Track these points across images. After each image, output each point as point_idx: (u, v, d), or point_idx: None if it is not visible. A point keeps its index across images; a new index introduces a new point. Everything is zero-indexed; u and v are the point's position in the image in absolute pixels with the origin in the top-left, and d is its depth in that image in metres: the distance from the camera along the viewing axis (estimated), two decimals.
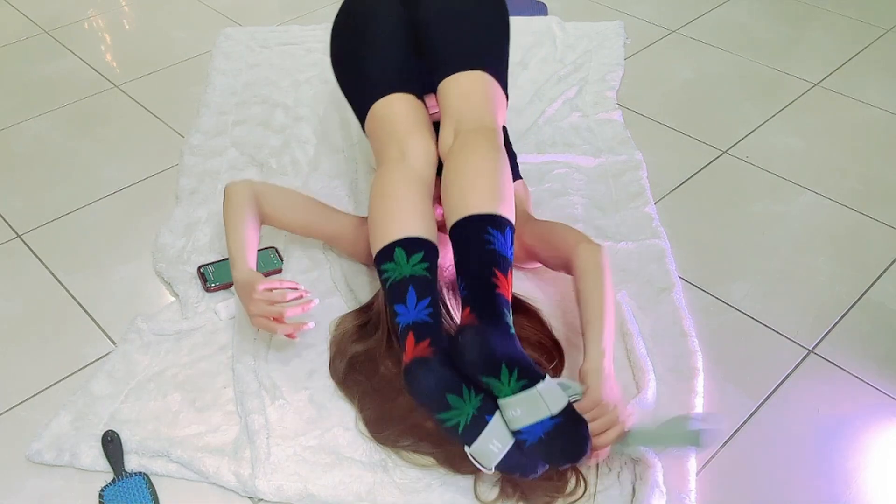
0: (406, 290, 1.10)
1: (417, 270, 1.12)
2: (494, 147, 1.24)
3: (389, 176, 1.26)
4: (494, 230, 1.11)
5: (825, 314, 1.42)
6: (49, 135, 1.91)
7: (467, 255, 1.10)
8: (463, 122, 1.29)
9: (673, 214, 1.63)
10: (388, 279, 1.12)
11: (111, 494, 1.14)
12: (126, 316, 1.43)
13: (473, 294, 1.06)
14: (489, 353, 0.97)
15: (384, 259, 1.14)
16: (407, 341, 1.05)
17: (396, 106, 1.36)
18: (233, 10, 2.43)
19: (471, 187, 1.17)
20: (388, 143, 1.32)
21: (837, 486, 1.15)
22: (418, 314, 1.08)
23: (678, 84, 2.05)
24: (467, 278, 1.08)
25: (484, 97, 1.33)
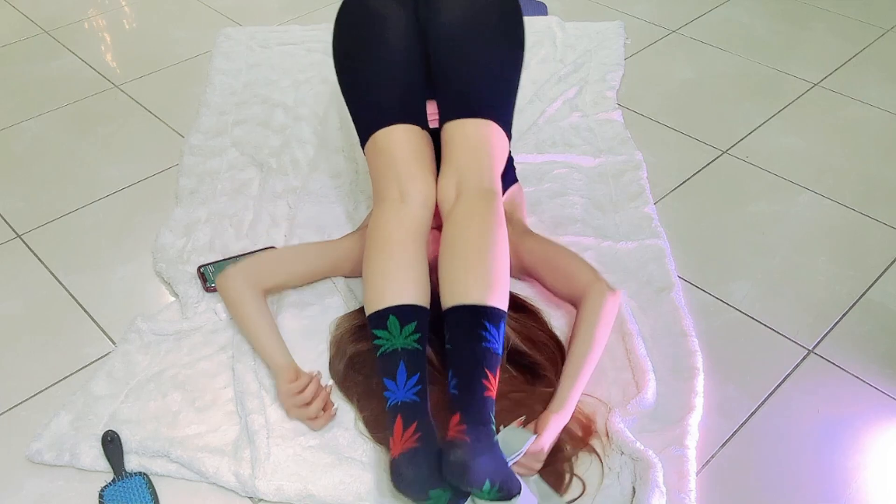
0: (397, 366, 1.11)
1: (409, 343, 1.12)
2: (495, 219, 1.22)
3: (388, 223, 1.24)
4: (490, 325, 1.11)
5: (825, 314, 1.42)
6: (49, 135, 1.91)
7: (461, 350, 1.10)
8: (465, 180, 1.27)
9: (673, 214, 1.63)
10: (380, 347, 1.13)
11: (111, 494, 1.14)
12: (126, 316, 1.43)
13: (464, 400, 1.07)
14: (477, 472, 1.00)
15: (377, 324, 1.15)
16: (395, 425, 1.06)
17: (399, 138, 1.32)
18: (233, 10, 2.43)
19: (470, 271, 1.16)
20: (387, 178, 1.30)
21: (837, 486, 1.15)
22: (406, 394, 1.09)
23: (678, 84, 2.05)
24: (459, 378, 1.09)
25: (489, 152, 1.31)
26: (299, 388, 1.20)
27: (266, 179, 1.72)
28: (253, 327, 1.30)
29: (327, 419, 1.21)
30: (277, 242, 1.56)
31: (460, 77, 1.35)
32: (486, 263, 1.16)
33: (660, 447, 1.17)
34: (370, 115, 1.36)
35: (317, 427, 1.21)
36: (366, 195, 1.67)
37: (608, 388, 1.27)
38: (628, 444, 1.15)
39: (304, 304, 1.43)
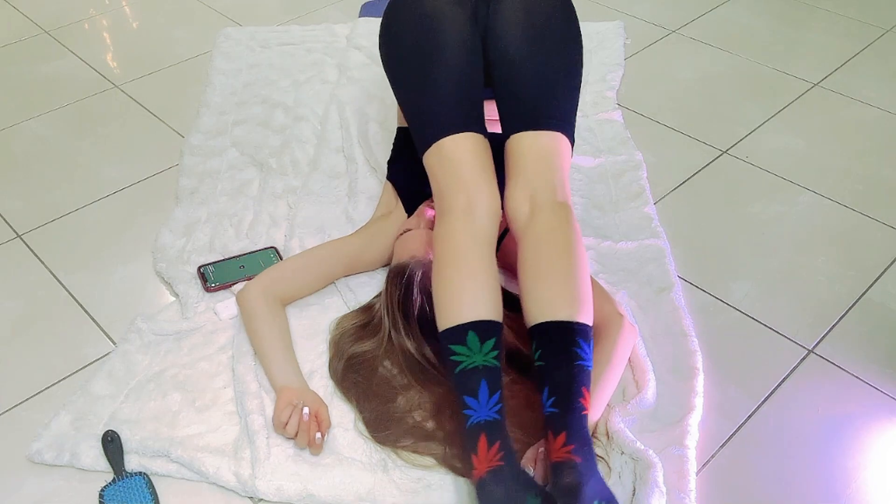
0: (479, 383, 1.09)
1: (489, 360, 1.11)
2: (575, 234, 1.21)
3: (458, 233, 1.22)
4: (584, 342, 1.11)
5: (825, 314, 1.42)
6: (49, 135, 1.91)
7: (556, 368, 1.09)
8: (539, 193, 1.25)
9: (673, 214, 1.63)
10: (459, 364, 1.11)
11: (111, 494, 1.14)
12: (126, 316, 1.43)
13: (567, 420, 1.06)
14: (588, 494, 1.01)
15: (455, 340, 1.12)
16: (479, 444, 1.06)
17: (467, 147, 1.29)
18: (233, 10, 2.43)
19: (558, 287, 1.15)
20: (454, 188, 1.26)
21: (837, 485, 1.15)
22: (489, 412, 1.08)
23: (678, 84, 2.05)
24: (557, 396, 1.08)
25: (560, 166, 1.29)
26: (282, 422, 1.19)
27: (266, 179, 1.72)
28: (259, 344, 1.30)
29: (314, 449, 1.19)
30: (277, 242, 1.56)
31: (528, 88, 1.32)
32: (573, 279, 1.15)
33: (660, 447, 1.17)
34: (436, 121, 1.31)
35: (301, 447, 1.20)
36: (366, 195, 1.67)
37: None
38: (628, 443, 1.15)
39: (304, 304, 1.43)
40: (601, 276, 1.47)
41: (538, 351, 1.12)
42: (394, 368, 1.27)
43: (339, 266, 1.44)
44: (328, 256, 1.42)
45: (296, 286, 1.40)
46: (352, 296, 1.44)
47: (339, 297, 1.45)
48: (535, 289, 1.16)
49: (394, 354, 1.27)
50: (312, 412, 1.20)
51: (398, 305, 1.27)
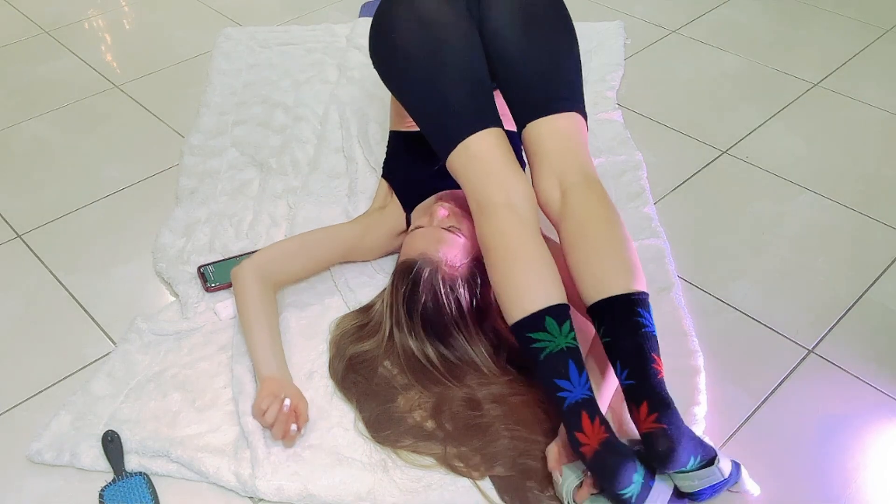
0: (567, 364, 1.10)
1: (570, 341, 1.12)
2: (611, 205, 1.23)
3: (506, 226, 1.22)
4: (643, 311, 1.13)
5: (825, 314, 1.42)
6: (49, 135, 1.91)
7: (624, 341, 1.11)
8: (566, 175, 1.26)
9: (673, 214, 1.63)
10: (544, 349, 1.12)
11: (111, 494, 1.14)
12: (126, 316, 1.43)
13: (645, 388, 1.08)
14: (682, 454, 1.04)
15: (534, 328, 1.13)
16: (583, 422, 1.07)
17: (492, 143, 1.29)
18: (233, 10, 2.43)
19: (609, 262, 1.16)
20: (490, 184, 1.26)
21: (837, 485, 1.15)
22: (583, 390, 1.09)
23: (678, 84, 2.05)
24: (631, 368, 1.10)
25: (581, 143, 1.30)
26: (261, 410, 1.19)
27: (266, 179, 1.72)
28: (248, 328, 1.30)
29: (288, 441, 1.19)
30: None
31: (533, 75, 1.34)
32: (622, 251, 1.17)
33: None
34: (455, 123, 1.31)
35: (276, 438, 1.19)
36: (366, 195, 1.67)
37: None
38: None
39: (304, 304, 1.43)
40: None
41: (602, 327, 1.14)
42: (394, 368, 1.27)
43: (335, 252, 1.44)
44: (324, 241, 1.43)
45: (291, 268, 1.40)
46: (352, 296, 1.44)
47: (339, 297, 1.45)
48: (588, 267, 1.17)
49: (394, 354, 1.27)
50: (293, 405, 1.20)
51: (403, 301, 1.26)
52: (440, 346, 1.25)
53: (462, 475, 1.15)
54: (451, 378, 1.24)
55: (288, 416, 1.18)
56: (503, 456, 1.15)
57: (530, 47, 1.35)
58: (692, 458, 1.04)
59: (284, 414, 1.18)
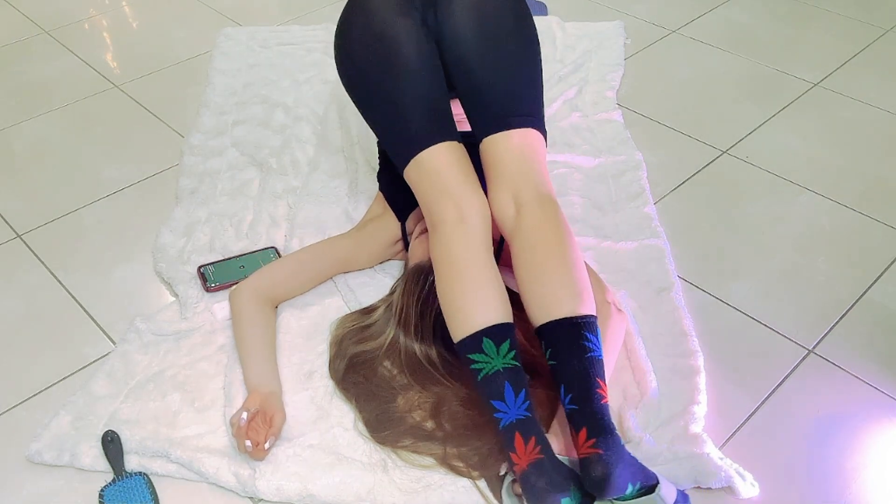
0: (502, 386, 1.11)
1: (508, 362, 1.12)
2: (564, 226, 1.22)
3: (456, 244, 1.22)
4: (590, 334, 1.12)
5: (825, 314, 1.42)
6: (49, 135, 1.91)
7: (569, 365, 1.11)
8: (521, 192, 1.26)
9: (673, 214, 1.63)
10: (480, 371, 1.13)
11: (111, 494, 1.14)
12: (126, 316, 1.43)
13: (585, 413, 1.08)
14: (618, 481, 1.03)
15: (472, 349, 1.14)
16: (516, 442, 1.07)
17: (446, 158, 1.29)
18: (233, 10, 2.43)
19: (558, 284, 1.15)
20: (441, 200, 1.26)
21: (837, 486, 1.15)
22: (518, 411, 1.09)
23: (678, 84, 2.05)
24: (574, 392, 1.10)
25: (537, 160, 1.29)
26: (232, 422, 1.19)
27: (266, 179, 1.72)
28: (241, 345, 1.31)
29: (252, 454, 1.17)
30: (277, 242, 1.56)
31: (490, 89, 1.32)
32: (570, 273, 1.16)
33: (666, 440, 1.17)
34: (409, 136, 1.31)
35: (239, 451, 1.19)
36: (366, 195, 1.67)
37: (608, 388, 1.27)
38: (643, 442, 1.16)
39: (304, 304, 1.43)
40: (601, 276, 1.47)
41: (548, 350, 1.13)
42: (394, 368, 1.27)
43: (331, 268, 1.46)
44: (320, 257, 1.43)
45: (287, 288, 1.42)
46: (352, 296, 1.44)
47: (339, 297, 1.45)
48: (535, 289, 1.17)
49: (394, 355, 1.27)
50: (258, 416, 1.19)
51: (416, 302, 1.27)
52: (443, 349, 1.25)
53: (462, 475, 1.15)
54: (450, 379, 1.24)
55: (246, 430, 1.17)
56: (502, 456, 1.15)
57: (488, 59, 1.33)
58: (630, 485, 1.03)
59: (241, 429, 1.17)
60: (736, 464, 1.15)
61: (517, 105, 1.32)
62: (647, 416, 1.21)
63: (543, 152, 1.32)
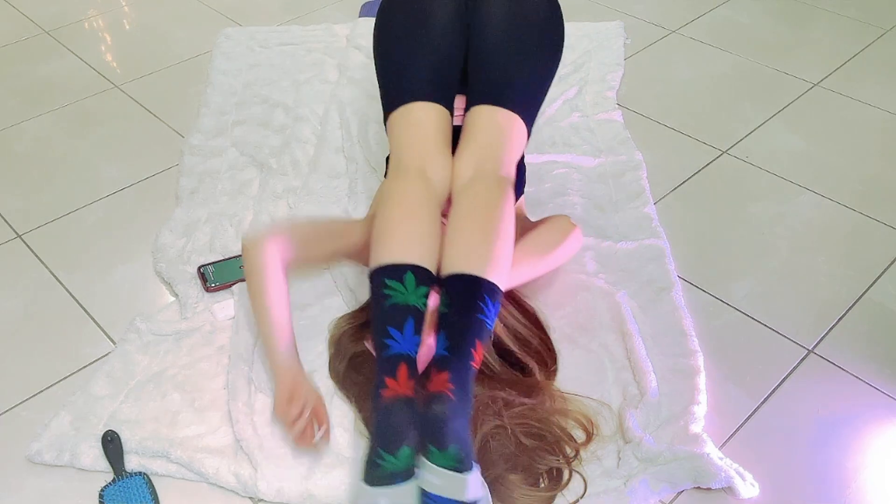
0: (406, 319, 1.11)
1: (420, 303, 1.13)
2: (506, 203, 1.24)
3: (412, 190, 1.25)
4: (488, 299, 1.13)
5: (825, 314, 1.42)
6: (49, 135, 1.91)
7: (457, 317, 1.12)
8: (483, 164, 1.29)
9: (673, 214, 1.63)
10: (391, 298, 1.12)
11: (111, 494, 1.14)
12: (126, 316, 1.43)
13: (454, 363, 1.08)
14: (450, 432, 1.01)
15: (392, 276, 1.13)
16: (399, 371, 1.07)
17: (431, 115, 1.35)
18: (233, 10, 2.43)
19: (474, 243, 1.17)
20: (413, 150, 1.31)
21: (837, 486, 1.15)
22: (412, 347, 1.10)
23: (678, 84, 2.05)
24: (451, 341, 1.10)
25: (509, 142, 1.33)
26: (291, 418, 1.16)
27: (266, 179, 1.72)
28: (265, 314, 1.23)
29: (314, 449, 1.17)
30: None
31: (497, 68, 1.38)
32: (490, 239, 1.18)
33: (666, 440, 1.17)
34: (410, 86, 1.37)
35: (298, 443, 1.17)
36: (366, 195, 1.67)
37: (608, 388, 1.27)
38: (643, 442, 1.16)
39: (304, 304, 1.43)
40: (601, 275, 1.47)
41: (445, 298, 1.14)
42: None
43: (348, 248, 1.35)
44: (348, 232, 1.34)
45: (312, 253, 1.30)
46: (351, 296, 1.44)
47: (339, 297, 1.45)
48: (454, 242, 1.19)
49: None
50: (314, 411, 1.19)
51: None
52: None
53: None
54: None
55: (311, 426, 1.17)
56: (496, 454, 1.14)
57: (507, 46, 1.39)
58: (453, 446, 1.01)
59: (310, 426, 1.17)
60: (736, 464, 1.15)
61: (516, 94, 1.37)
62: (647, 416, 1.21)
63: (519, 143, 1.36)
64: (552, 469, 1.13)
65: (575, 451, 1.16)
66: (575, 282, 1.46)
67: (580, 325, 1.38)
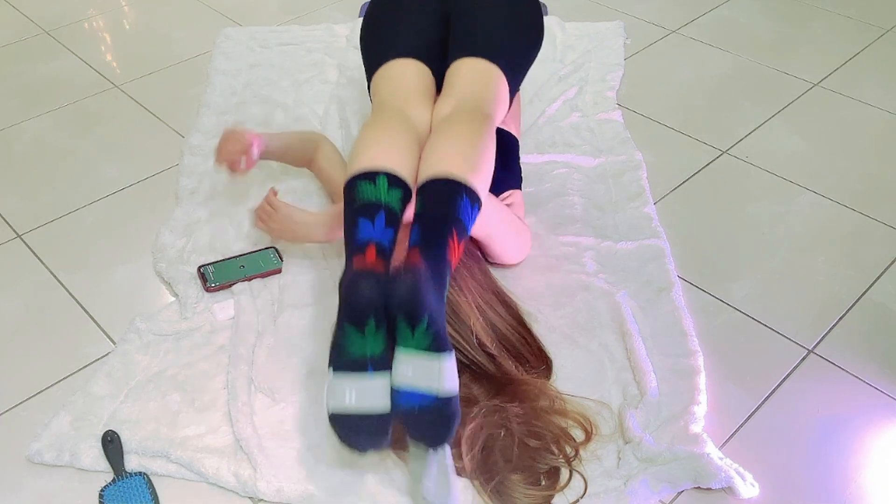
0: (377, 213, 1.07)
1: (393, 202, 1.09)
2: (485, 128, 1.22)
3: (388, 118, 1.24)
4: (468, 199, 1.09)
5: (825, 314, 1.42)
6: (49, 135, 1.91)
7: (433, 209, 1.07)
8: (465, 102, 1.29)
9: (673, 214, 1.63)
10: (362, 197, 1.08)
11: (111, 494, 1.14)
12: (126, 316, 1.43)
13: (426, 242, 1.03)
14: (422, 300, 0.96)
15: (365, 179, 1.10)
16: (368, 250, 1.02)
17: (411, 68, 1.36)
18: (233, 10, 2.43)
19: (454, 153, 1.15)
20: (395, 97, 1.31)
21: (837, 486, 1.15)
22: (383, 236, 1.06)
23: (678, 84, 2.05)
24: (424, 228, 1.05)
25: (491, 88, 1.33)
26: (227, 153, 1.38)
27: (265, 181, 1.71)
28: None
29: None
30: (278, 244, 1.56)
31: (480, 27, 1.40)
32: (470, 151, 1.15)
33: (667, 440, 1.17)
34: (391, 47, 1.39)
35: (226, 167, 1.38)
36: None
37: (608, 388, 1.27)
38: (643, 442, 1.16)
39: (304, 304, 1.44)
40: (601, 275, 1.47)
41: (420, 202, 1.10)
42: None
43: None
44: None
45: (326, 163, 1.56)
46: None
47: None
48: (431, 153, 1.16)
49: None
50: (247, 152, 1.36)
51: None
52: None
53: (459, 475, 1.14)
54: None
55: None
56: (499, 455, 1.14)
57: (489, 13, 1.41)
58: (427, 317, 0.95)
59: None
60: (736, 464, 1.15)
61: (498, 49, 1.37)
62: (647, 416, 1.21)
63: (502, 90, 1.35)
64: (552, 468, 1.13)
65: (574, 451, 1.16)
66: (575, 282, 1.46)
67: (580, 325, 1.38)
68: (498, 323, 1.25)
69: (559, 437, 1.16)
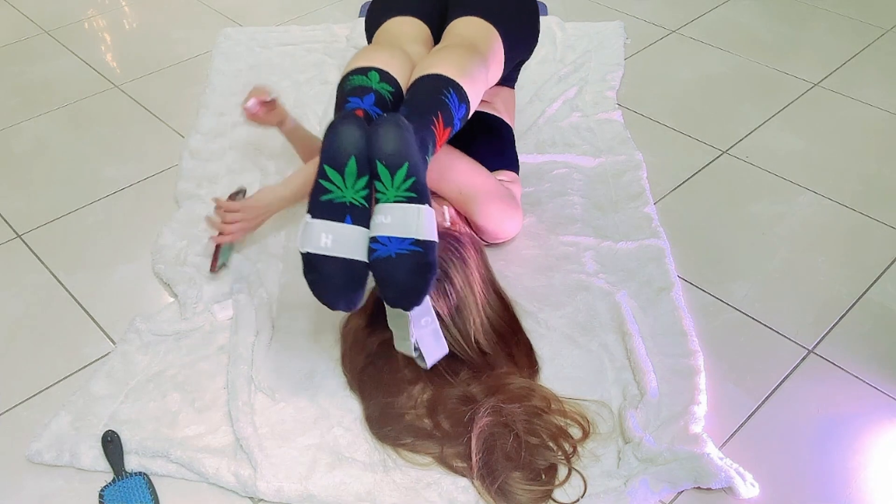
0: (367, 93, 1.09)
1: (384, 91, 1.10)
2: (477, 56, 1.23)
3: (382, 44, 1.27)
4: (455, 94, 1.09)
5: (825, 314, 1.42)
6: (49, 135, 1.91)
7: (420, 95, 1.08)
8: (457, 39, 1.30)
9: (673, 214, 1.63)
10: (352, 84, 1.11)
11: (111, 494, 1.14)
12: (126, 316, 1.43)
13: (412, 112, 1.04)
14: (404, 146, 0.95)
15: (356, 73, 1.12)
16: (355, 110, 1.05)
17: (409, 23, 1.37)
18: (233, 10, 2.43)
19: (446, 61, 1.16)
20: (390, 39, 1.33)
21: (837, 486, 1.15)
22: (372, 110, 1.08)
23: (678, 84, 2.05)
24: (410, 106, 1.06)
25: (487, 39, 1.32)
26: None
27: (265, 181, 1.71)
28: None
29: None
30: (277, 243, 1.56)
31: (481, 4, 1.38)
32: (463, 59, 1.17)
33: (667, 440, 1.17)
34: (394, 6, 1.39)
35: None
36: None
37: (608, 388, 1.27)
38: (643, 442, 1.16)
39: (304, 304, 1.44)
40: (601, 275, 1.47)
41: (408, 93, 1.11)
42: (403, 360, 1.26)
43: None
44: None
45: None
46: None
47: None
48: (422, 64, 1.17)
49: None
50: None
51: None
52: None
53: (460, 474, 1.15)
54: (449, 372, 1.23)
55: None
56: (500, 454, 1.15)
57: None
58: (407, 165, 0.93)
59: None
60: (736, 464, 1.15)
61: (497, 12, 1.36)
62: (647, 416, 1.21)
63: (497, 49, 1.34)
64: (551, 465, 1.13)
65: (573, 448, 1.16)
66: (575, 282, 1.46)
67: (580, 325, 1.38)
68: (496, 323, 1.25)
69: (557, 435, 1.16)
